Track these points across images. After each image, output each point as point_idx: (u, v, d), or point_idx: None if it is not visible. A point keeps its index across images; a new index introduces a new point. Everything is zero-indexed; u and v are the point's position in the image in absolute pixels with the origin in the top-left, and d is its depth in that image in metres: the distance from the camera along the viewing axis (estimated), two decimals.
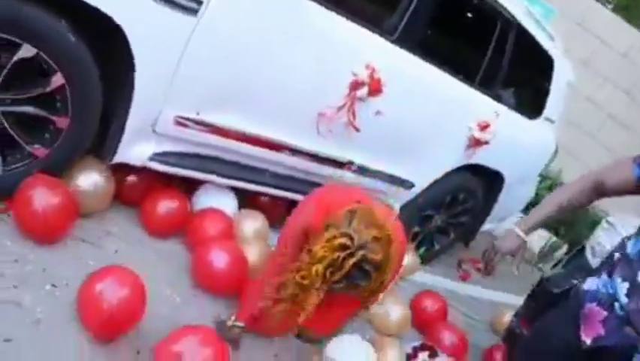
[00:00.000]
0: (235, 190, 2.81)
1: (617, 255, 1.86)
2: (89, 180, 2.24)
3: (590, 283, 1.89)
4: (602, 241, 3.63)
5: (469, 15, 3.30)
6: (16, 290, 1.83)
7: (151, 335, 1.98)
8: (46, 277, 1.94)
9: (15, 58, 1.85)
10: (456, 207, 3.76)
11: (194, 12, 2.03)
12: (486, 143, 3.39)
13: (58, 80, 1.95)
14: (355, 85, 2.57)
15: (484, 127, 3.34)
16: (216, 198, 2.72)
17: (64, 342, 1.77)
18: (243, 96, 2.37)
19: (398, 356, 2.51)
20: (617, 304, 1.76)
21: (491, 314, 3.75)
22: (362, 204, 1.87)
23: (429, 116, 3.08)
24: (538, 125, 3.90)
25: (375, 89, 2.63)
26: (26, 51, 1.85)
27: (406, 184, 3.32)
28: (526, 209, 4.21)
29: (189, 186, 2.75)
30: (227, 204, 2.75)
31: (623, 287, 1.75)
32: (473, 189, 3.74)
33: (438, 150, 3.28)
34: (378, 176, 3.13)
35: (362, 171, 3.02)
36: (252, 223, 2.72)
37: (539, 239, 5.91)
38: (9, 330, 1.69)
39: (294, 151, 2.68)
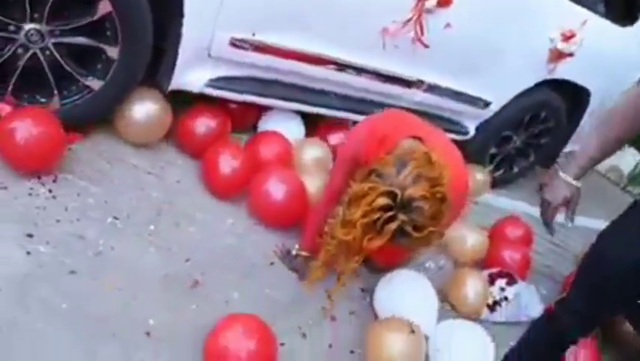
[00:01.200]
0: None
1: None
2: (143, 109, 2.18)
3: None
4: None
5: None
6: (79, 223, 1.84)
7: (217, 265, 1.98)
8: (107, 209, 1.94)
9: None
10: (536, 127, 3.52)
11: None
12: (570, 55, 3.11)
13: (105, 6, 1.88)
14: None
15: (568, 37, 3.05)
16: (282, 124, 2.64)
17: (126, 273, 1.77)
18: (301, 12, 2.23)
19: (481, 289, 2.42)
20: None
21: (577, 240, 3.54)
22: (420, 145, 1.66)
23: (504, 28, 2.82)
24: (632, 34, 3.50)
25: None
26: None
27: (482, 103, 3.11)
28: None
29: None
30: (293, 129, 2.67)
31: None
32: (555, 106, 3.48)
33: (516, 65, 3.02)
34: (450, 95, 2.93)
35: (433, 90, 2.84)
36: (313, 152, 2.61)
37: (628, 161, 5.54)
38: (73, 262, 1.70)
39: (359, 70, 2.53)
